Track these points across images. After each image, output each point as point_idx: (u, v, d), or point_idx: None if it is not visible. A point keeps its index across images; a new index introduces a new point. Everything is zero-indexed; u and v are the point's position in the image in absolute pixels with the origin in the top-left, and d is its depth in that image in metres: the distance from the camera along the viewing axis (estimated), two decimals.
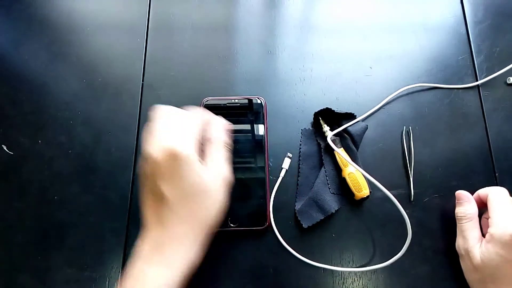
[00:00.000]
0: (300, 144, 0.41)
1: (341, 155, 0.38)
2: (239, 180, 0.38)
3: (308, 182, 0.39)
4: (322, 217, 0.37)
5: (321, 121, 0.41)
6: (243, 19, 0.46)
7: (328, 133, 0.39)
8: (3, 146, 0.40)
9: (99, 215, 0.38)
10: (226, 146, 0.32)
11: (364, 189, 0.37)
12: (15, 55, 0.44)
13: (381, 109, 0.42)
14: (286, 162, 0.40)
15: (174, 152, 0.28)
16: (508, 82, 0.43)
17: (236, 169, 0.38)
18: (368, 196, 0.38)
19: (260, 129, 0.40)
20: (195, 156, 0.29)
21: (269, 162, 0.39)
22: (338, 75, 0.43)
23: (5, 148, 0.40)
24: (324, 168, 0.39)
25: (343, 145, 0.40)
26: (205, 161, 0.30)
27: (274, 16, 0.46)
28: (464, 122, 0.42)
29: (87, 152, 0.40)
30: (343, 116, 0.41)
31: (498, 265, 0.31)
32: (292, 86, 0.43)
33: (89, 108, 0.42)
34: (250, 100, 0.41)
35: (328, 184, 0.39)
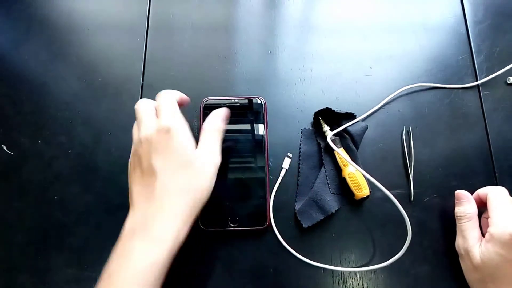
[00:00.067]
0: (300, 144, 0.41)
1: (341, 155, 0.38)
2: (239, 180, 0.38)
3: (308, 182, 0.39)
4: (322, 217, 0.37)
5: (321, 121, 0.41)
6: (243, 19, 0.46)
7: (328, 133, 0.39)
8: (3, 146, 0.40)
9: (99, 215, 0.38)
10: (218, 131, 0.34)
11: (364, 189, 0.37)
12: (15, 55, 0.44)
13: (381, 109, 0.42)
14: (286, 162, 0.40)
15: (167, 127, 0.30)
16: (508, 82, 0.43)
17: (236, 169, 0.38)
18: (368, 196, 0.38)
19: (260, 129, 0.40)
20: (187, 133, 0.31)
21: (269, 162, 0.40)
22: (338, 75, 0.43)
23: (5, 148, 0.40)
24: (324, 168, 0.39)
25: (343, 145, 0.40)
26: (197, 145, 0.32)
27: (274, 16, 0.46)
28: (464, 122, 0.42)
29: (87, 152, 0.40)
30: (343, 116, 0.41)
31: (498, 264, 0.31)
32: (292, 86, 0.43)
33: (89, 108, 0.42)
34: (250, 100, 0.41)
35: (328, 184, 0.39)
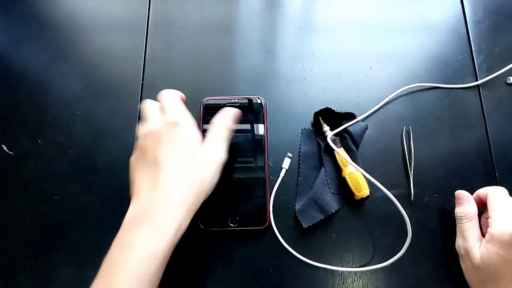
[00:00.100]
0: (300, 144, 0.41)
1: (341, 155, 0.38)
2: (239, 180, 0.38)
3: (308, 182, 0.39)
4: (322, 217, 0.37)
5: (321, 121, 0.41)
6: (243, 19, 0.46)
7: (328, 133, 0.39)
8: (3, 146, 0.40)
9: (99, 215, 0.38)
10: (226, 128, 0.34)
11: (364, 189, 0.37)
12: (15, 55, 0.44)
13: (381, 109, 0.42)
14: (286, 162, 0.40)
15: (174, 121, 0.31)
16: (508, 82, 0.43)
17: (236, 169, 0.38)
18: (368, 196, 0.38)
19: (260, 129, 0.40)
20: (194, 127, 0.32)
21: (269, 162, 0.39)
22: (338, 75, 0.43)
23: (5, 148, 0.40)
24: (324, 168, 0.39)
25: (343, 145, 0.40)
26: (204, 140, 0.33)
27: (274, 16, 0.46)
28: (464, 122, 0.42)
29: (87, 152, 0.40)
30: (343, 116, 0.41)
31: (498, 265, 0.31)
32: (292, 86, 0.43)
33: (89, 108, 0.42)
34: (250, 100, 0.41)
35: (328, 184, 0.39)
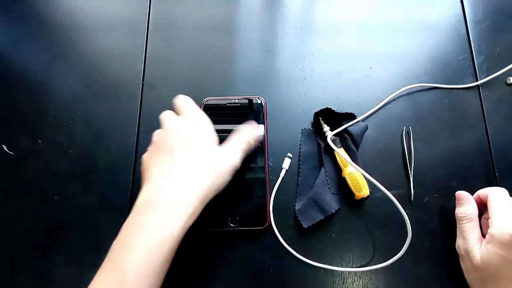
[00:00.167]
0: (300, 144, 0.41)
1: (341, 155, 0.38)
2: (239, 180, 0.38)
3: (308, 182, 0.39)
4: (322, 217, 0.37)
5: (321, 121, 0.41)
6: (243, 19, 0.46)
7: (328, 133, 0.39)
8: (3, 146, 0.40)
9: (99, 215, 0.38)
10: (247, 142, 0.35)
11: (364, 189, 0.37)
12: (15, 55, 0.44)
13: (381, 109, 0.42)
14: (286, 162, 0.40)
15: (193, 119, 0.33)
16: (508, 82, 0.43)
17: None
18: (368, 196, 0.38)
19: (260, 129, 0.40)
20: (211, 126, 0.34)
21: (269, 162, 0.39)
22: (338, 75, 0.43)
23: (5, 148, 0.40)
24: (324, 168, 0.39)
25: (343, 145, 0.40)
26: (223, 143, 0.34)
27: (274, 16, 0.46)
28: (464, 122, 0.42)
29: (87, 152, 0.40)
30: (343, 116, 0.41)
31: (498, 265, 0.31)
32: (292, 86, 0.43)
33: (89, 108, 0.42)
34: (250, 100, 0.41)
35: (328, 184, 0.39)
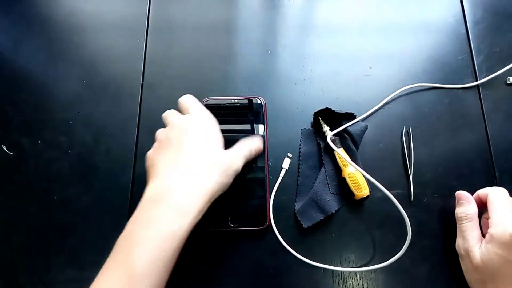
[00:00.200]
0: (300, 144, 0.41)
1: (341, 155, 0.38)
2: (239, 180, 0.38)
3: (308, 182, 0.39)
4: (322, 217, 0.37)
5: (321, 121, 0.41)
6: (243, 19, 0.46)
7: (328, 133, 0.39)
8: (3, 146, 0.40)
9: (99, 215, 0.38)
10: (250, 152, 0.35)
11: (364, 189, 0.37)
12: (15, 55, 0.44)
13: (381, 109, 0.42)
14: (286, 162, 0.40)
15: (200, 117, 0.33)
16: (508, 82, 0.43)
17: None
18: (368, 196, 0.38)
19: (260, 129, 0.40)
20: (217, 127, 0.34)
21: (269, 162, 0.39)
22: (338, 75, 0.43)
23: (5, 148, 0.40)
24: (324, 168, 0.39)
25: (343, 145, 0.40)
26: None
27: (274, 16, 0.46)
28: (464, 122, 0.42)
29: (87, 152, 0.40)
30: (343, 116, 0.41)
31: (498, 265, 0.31)
32: (292, 86, 0.43)
33: (89, 108, 0.42)
34: (250, 100, 0.41)
35: (328, 184, 0.39)
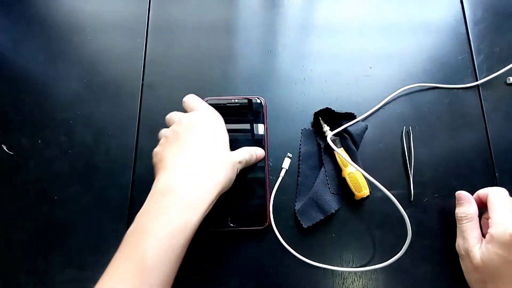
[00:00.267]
0: (300, 144, 0.41)
1: (341, 155, 0.38)
2: (239, 180, 0.38)
3: (308, 182, 0.39)
4: (322, 217, 0.37)
5: (321, 121, 0.41)
6: (243, 19, 0.46)
7: (328, 133, 0.39)
8: (3, 146, 0.40)
9: (99, 215, 0.38)
10: (250, 157, 0.36)
11: (364, 189, 0.37)
12: (15, 55, 0.44)
13: (381, 109, 0.42)
14: (286, 162, 0.40)
15: (208, 114, 0.34)
16: (508, 82, 0.43)
17: None
18: (368, 196, 0.38)
19: (260, 129, 0.40)
20: (225, 131, 0.34)
21: (269, 162, 0.39)
22: (338, 75, 0.43)
23: (5, 148, 0.40)
24: (324, 168, 0.39)
25: (343, 145, 0.40)
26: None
27: (274, 16, 0.46)
28: (464, 122, 0.42)
29: (87, 152, 0.40)
30: (343, 116, 0.41)
31: (498, 265, 0.31)
32: (292, 86, 0.43)
33: (89, 108, 0.42)
34: (250, 100, 0.41)
35: (328, 184, 0.39)
